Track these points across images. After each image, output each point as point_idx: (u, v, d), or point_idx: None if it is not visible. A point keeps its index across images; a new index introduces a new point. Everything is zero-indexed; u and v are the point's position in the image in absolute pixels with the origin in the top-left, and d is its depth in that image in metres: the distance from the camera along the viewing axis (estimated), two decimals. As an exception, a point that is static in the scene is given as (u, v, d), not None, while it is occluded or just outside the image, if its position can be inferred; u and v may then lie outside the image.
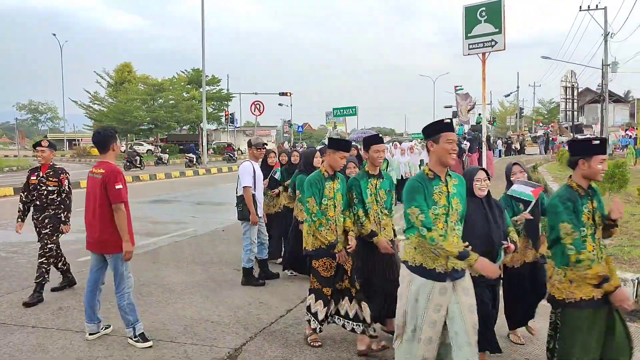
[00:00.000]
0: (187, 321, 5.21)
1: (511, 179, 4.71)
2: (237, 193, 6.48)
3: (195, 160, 31.63)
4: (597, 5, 31.69)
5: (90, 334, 4.74)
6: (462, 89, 37.97)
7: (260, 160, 6.86)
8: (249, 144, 6.67)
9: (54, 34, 50.89)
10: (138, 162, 30.13)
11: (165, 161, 35.39)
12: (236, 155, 39.43)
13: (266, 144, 7.19)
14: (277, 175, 7.45)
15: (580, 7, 32.14)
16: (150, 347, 4.54)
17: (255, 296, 6.01)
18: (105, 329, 4.85)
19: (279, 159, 7.97)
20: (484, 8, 15.68)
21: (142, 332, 4.63)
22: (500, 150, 37.61)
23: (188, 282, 6.59)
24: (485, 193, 3.94)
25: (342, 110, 24.11)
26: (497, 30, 15.39)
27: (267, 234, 6.82)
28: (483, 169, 4.04)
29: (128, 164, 29.41)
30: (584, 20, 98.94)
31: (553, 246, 3.37)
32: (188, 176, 25.59)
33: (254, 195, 6.33)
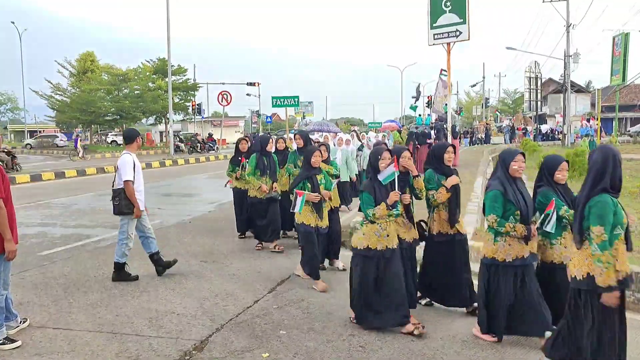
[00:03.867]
0: (153, 314, 5.14)
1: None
2: (113, 186, 6.29)
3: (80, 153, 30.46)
4: (559, -3, 32.31)
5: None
6: (445, 74, 36.97)
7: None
8: (135, 134, 6.42)
9: (13, 22, 49.21)
10: (199, 147, 35.78)
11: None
12: (217, 146, 38.75)
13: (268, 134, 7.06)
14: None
15: (544, -2, 32.70)
16: (19, 346, 4.35)
17: (222, 287, 5.98)
18: (23, 322, 4.76)
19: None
20: (449, -2, 15.80)
21: (7, 336, 4.43)
22: (466, 140, 38.12)
23: (153, 274, 6.49)
24: None
25: (282, 100, 19.66)
26: (462, 20, 15.55)
27: (151, 227, 6.57)
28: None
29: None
30: (547, 12, 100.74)
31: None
32: (155, 167, 25.19)
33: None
